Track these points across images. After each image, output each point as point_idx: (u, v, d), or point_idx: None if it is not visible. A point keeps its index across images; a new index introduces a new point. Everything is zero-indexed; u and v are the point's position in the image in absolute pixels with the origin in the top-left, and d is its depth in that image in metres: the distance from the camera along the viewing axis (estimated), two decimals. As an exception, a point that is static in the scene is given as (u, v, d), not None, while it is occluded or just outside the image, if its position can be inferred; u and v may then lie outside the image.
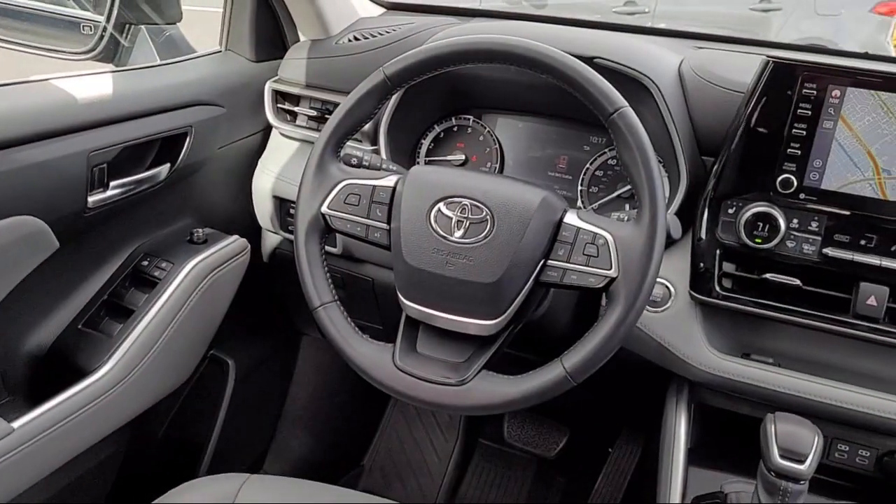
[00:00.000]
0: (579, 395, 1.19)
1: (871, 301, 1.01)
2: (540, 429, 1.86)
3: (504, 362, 0.96)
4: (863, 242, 1.02)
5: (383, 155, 1.30)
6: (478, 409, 0.90)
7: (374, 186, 0.98)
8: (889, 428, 1.03)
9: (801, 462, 0.87)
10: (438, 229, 0.92)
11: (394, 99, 1.28)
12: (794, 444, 0.87)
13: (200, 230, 1.34)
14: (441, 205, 0.93)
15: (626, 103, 0.89)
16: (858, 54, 1.23)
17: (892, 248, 1.01)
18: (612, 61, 1.13)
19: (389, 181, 0.98)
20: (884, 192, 1.00)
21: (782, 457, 0.87)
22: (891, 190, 0.99)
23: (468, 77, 1.29)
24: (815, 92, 1.00)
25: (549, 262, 0.91)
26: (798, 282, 1.04)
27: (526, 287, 0.91)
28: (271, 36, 1.49)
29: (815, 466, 0.87)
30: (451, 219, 0.92)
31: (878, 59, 1.12)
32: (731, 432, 1.15)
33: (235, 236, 1.38)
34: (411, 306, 0.96)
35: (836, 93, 0.99)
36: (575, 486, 1.82)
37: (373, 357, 0.95)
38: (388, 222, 0.96)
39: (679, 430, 1.11)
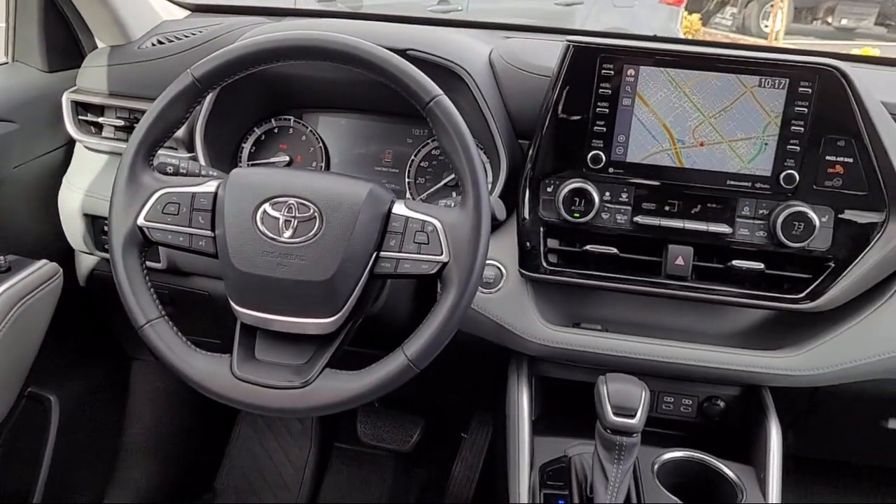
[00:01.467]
0: (428, 384, 1.21)
1: (679, 261, 1.10)
2: (394, 424, 1.87)
3: (349, 360, 0.96)
4: (667, 208, 1.11)
5: (202, 161, 1.25)
6: (324, 408, 0.89)
7: (194, 193, 0.94)
8: (705, 376, 1.13)
9: (632, 416, 0.93)
10: (266, 231, 0.90)
11: (207, 102, 1.23)
12: (624, 400, 0.93)
13: (2, 258, 1.22)
14: (266, 206, 0.91)
15: (441, 92, 0.91)
16: (649, 37, 1.34)
17: (693, 212, 1.10)
18: (425, 52, 1.16)
19: (210, 187, 0.94)
20: (680, 160, 1.09)
21: (615, 414, 0.93)
22: (686, 158, 1.09)
23: (284, 76, 1.26)
24: (612, 72, 1.07)
25: (382, 253, 0.92)
26: (615, 250, 1.11)
27: (361, 281, 0.91)
28: (65, 44, 1.39)
29: (645, 419, 0.93)
30: (279, 219, 0.90)
31: (665, 41, 1.22)
32: (571, 399, 1.21)
33: (44, 261, 1.27)
34: (245, 313, 0.93)
35: (631, 72, 1.07)
36: (434, 475, 1.84)
37: (209, 370, 0.91)
38: (213, 229, 0.93)
39: (522, 403, 1.15)
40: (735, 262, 1.10)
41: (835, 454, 1.54)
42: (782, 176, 1.07)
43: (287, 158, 1.34)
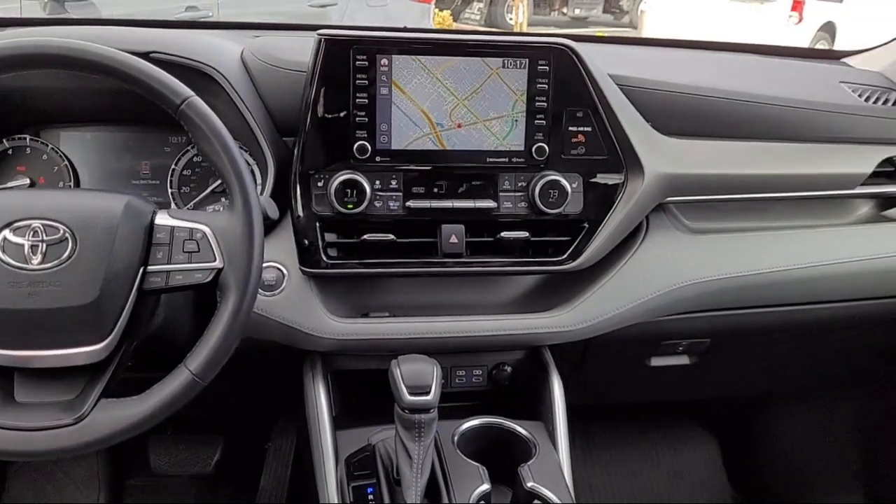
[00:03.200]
0: (222, 400, 1.16)
1: (453, 239, 1.15)
2: (190, 447, 1.77)
3: (131, 387, 0.89)
4: (436, 190, 1.15)
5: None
6: (104, 440, 0.83)
7: None
8: (490, 345, 1.20)
9: (427, 393, 0.95)
10: (10, 260, 0.82)
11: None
12: (417, 379, 0.96)
13: None
14: (6, 232, 0.82)
15: (192, 93, 0.88)
16: (399, 28, 1.37)
17: (460, 191, 1.16)
18: (170, 54, 1.10)
19: (-68, 221, 0.83)
20: (442, 143, 1.13)
21: (410, 393, 0.95)
22: (447, 140, 1.13)
23: (12, 90, 1.14)
24: (366, 62, 1.09)
25: (150, 267, 0.87)
26: (392, 236, 1.14)
27: (130, 300, 0.86)
28: None
29: (439, 394, 0.96)
30: (24, 245, 0.82)
31: (414, 31, 1.26)
32: (369, 389, 1.22)
33: None
34: (-2, 354, 0.83)
35: (385, 61, 1.09)
36: (242, 492, 1.77)
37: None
38: None
39: (320, 401, 1.14)
40: (503, 234, 1.17)
41: (611, 398, 1.70)
42: (534, 149, 1.15)
43: (27, 181, 1.21)
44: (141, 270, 0.86)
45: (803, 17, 8.93)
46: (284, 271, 1.14)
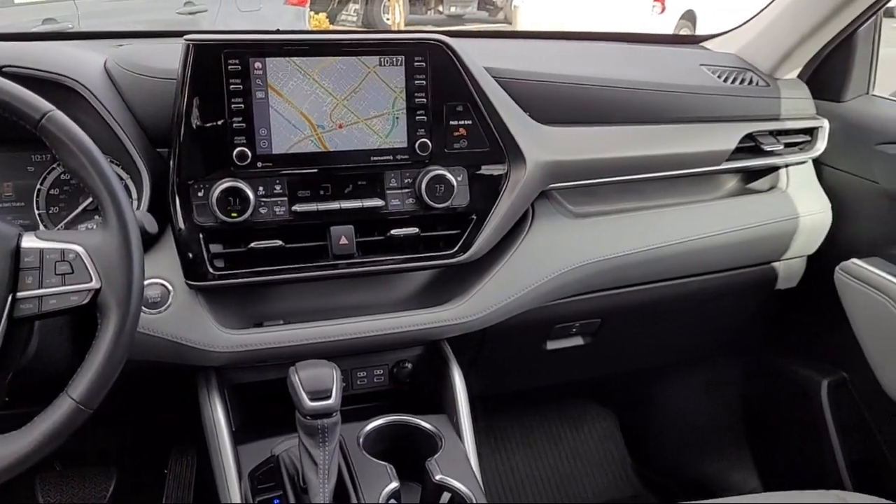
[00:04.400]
0: (113, 428, 1.11)
1: (343, 241, 1.14)
2: (82, 482, 1.67)
3: (11, 423, 0.83)
4: (322, 192, 1.13)
5: None
6: None
7: None
8: (388, 343, 1.19)
9: (328, 398, 0.94)
10: None
11: None
12: (317, 384, 0.95)
13: None
14: None
15: (52, 107, 0.83)
16: (272, 31, 1.35)
17: (346, 191, 1.15)
18: (26, 67, 1.04)
19: None
20: (324, 144, 1.12)
21: (311, 399, 0.94)
22: (329, 141, 1.12)
23: None
24: (239, 67, 1.06)
25: (20, 294, 0.82)
26: (280, 242, 1.11)
27: (-1, 331, 0.80)
28: None
29: (340, 398, 0.96)
30: None
31: (287, 33, 1.24)
32: (269, 400, 1.20)
33: None
34: None
35: (258, 64, 1.07)
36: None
37: None
38: None
39: (218, 418, 1.11)
40: (393, 232, 1.17)
41: (512, 385, 1.73)
42: (417, 145, 1.15)
43: None
44: (9, 298, 0.81)
45: (665, 7, 9.39)
46: (169, 287, 1.10)
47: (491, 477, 1.87)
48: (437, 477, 1.05)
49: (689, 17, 8.99)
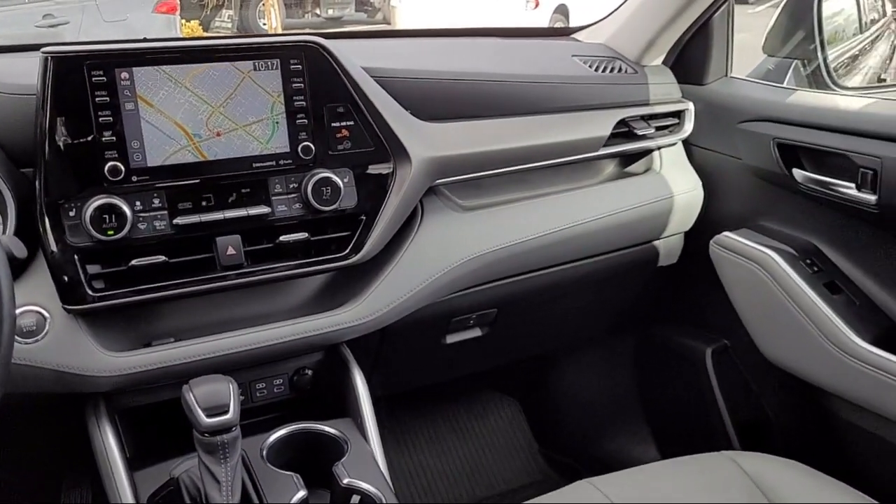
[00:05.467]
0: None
1: (230, 251, 1.11)
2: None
3: None
4: (204, 203, 1.10)
5: None
6: None
7: None
8: (285, 351, 1.18)
9: (226, 412, 0.92)
10: None
11: None
12: (213, 400, 0.92)
13: None
14: None
15: None
16: (137, 40, 1.30)
17: (230, 200, 1.11)
18: None
19: None
20: (202, 154, 1.09)
21: (208, 416, 0.91)
22: (207, 150, 1.09)
23: None
24: (104, 78, 1.02)
25: None
26: (163, 258, 1.07)
27: None
28: None
29: (239, 411, 0.93)
30: None
31: (155, 41, 1.19)
32: (165, 421, 1.16)
33: None
34: None
35: (125, 75, 1.03)
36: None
37: None
38: None
39: (109, 446, 1.06)
40: (283, 238, 1.15)
41: (415, 382, 1.74)
42: (300, 149, 1.14)
43: None
44: None
45: (539, 2, 9.65)
46: (45, 313, 1.04)
47: (400, 476, 1.87)
48: (345, 481, 1.04)
49: (563, 10, 9.27)
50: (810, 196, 1.39)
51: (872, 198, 1.25)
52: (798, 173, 1.39)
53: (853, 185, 1.29)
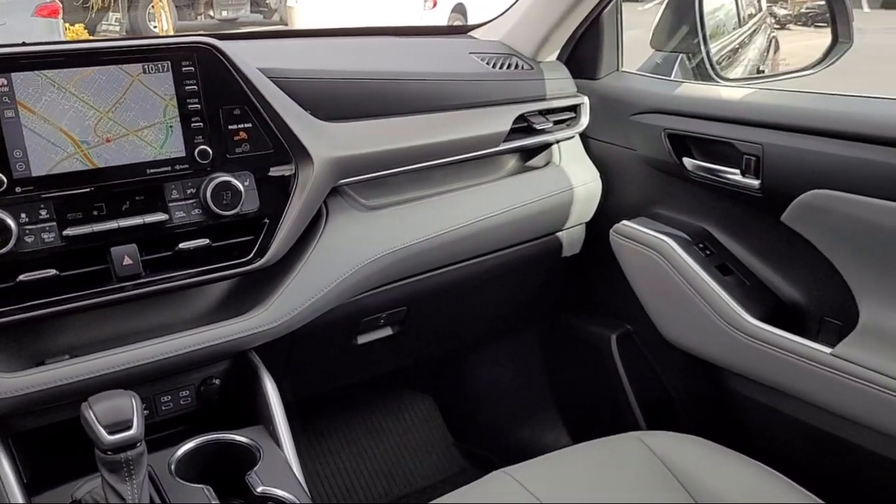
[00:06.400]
0: None
1: (127, 261, 1.07)
2: None
3: None
4: (96, 213, 1.05)
5: None
6: None
7: None
8: (190, 361, 1.14)
9: (129, 428, 0.89)
10: None
11: None
12: (115, 416, 0.89)
13: None
14: None
15: None
16: (15, 44, 1.23)
17: (124, 209, 1.07)
18: None
19: None
20: (92, 161, 1.04)
21: (110, 433, 0.88)
22: (97, 157, 1.05)
23: None
24: (-20, 85, 0.96)
25: None
26: (54, 271, 1.02)
27: None
28: None
29: (143, 426, 0.90)
30: None
31: (35, 45, 1.13)
32: (64, 443, 1.10)
33: None
34: None
35: (3, 81, 0.97)
36: None
37: None
38: None
39: (4, 472, 1.00)
40: (182, 245, 1.11)
41: (328, 385, 1.72)
42: (196, 153, 1.11)
43: None
44: None
45: (437, 2, 9.72)
46: None
47: (317, 480, 1.85)
48: (259, 489, 1.02)
49: (460, 10, 9.38)
50: (700, 183, 1.46)
51: (756, 182, 1.32)
52: (688, 162, 1.46)
53: (738, 171, 1.36)
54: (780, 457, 1.24)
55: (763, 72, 2.33)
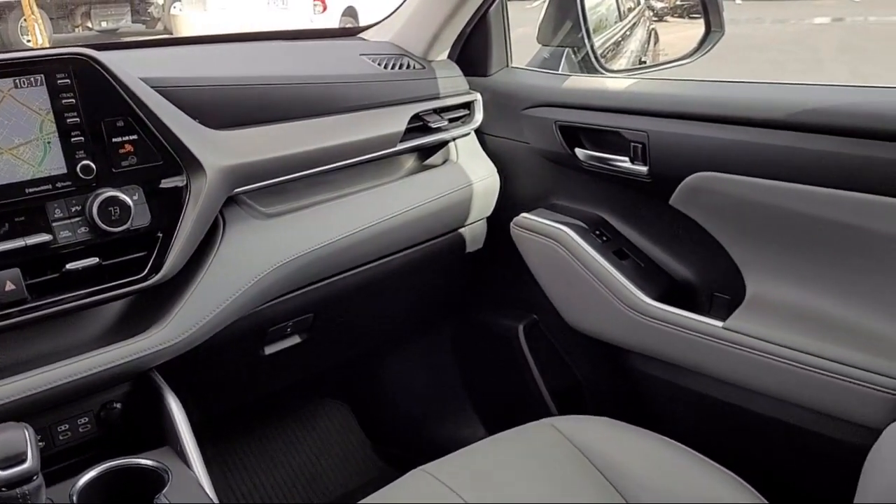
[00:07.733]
0: None
1: (9, 286, 1.01)
2: None
3: None
4: (-28, 237, 1.00)
5: None
6: None
7: None
8: (87, 386, 1.09)
9: (23, 462, 0.84)
10: None
11: None
12: (7, 450, 0.84)
13: None
14: None
15: None
16: None
17: (3, 231, 1.02)
18: None
19: None
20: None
21: (4, 468, 0.83)
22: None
23: None
24: None
25: None
26: None
27: None
28: None
29: (39, 458, 0.86)
30: None
31: None
32: None
33: None
34: None
35: None
36: None
37: None
38: None
39: None
40: (70, 266, 1.06)
41: (238, 399, 1.68)
42: (79, 168, 1.06)
43: None
44: None
45: (327, 6, 9.63)
46: None
47: (232, 497, 1.80)
48: None
49: (351, 12, 9.34)
50: (593, 172, 1.51)
51: (644, 168, 1.38)
52: (580, 152, 1.50)
53: (627, 158, 1.41)
54: (681, 428, 1.30)
55: (645, 62, 2.43)
